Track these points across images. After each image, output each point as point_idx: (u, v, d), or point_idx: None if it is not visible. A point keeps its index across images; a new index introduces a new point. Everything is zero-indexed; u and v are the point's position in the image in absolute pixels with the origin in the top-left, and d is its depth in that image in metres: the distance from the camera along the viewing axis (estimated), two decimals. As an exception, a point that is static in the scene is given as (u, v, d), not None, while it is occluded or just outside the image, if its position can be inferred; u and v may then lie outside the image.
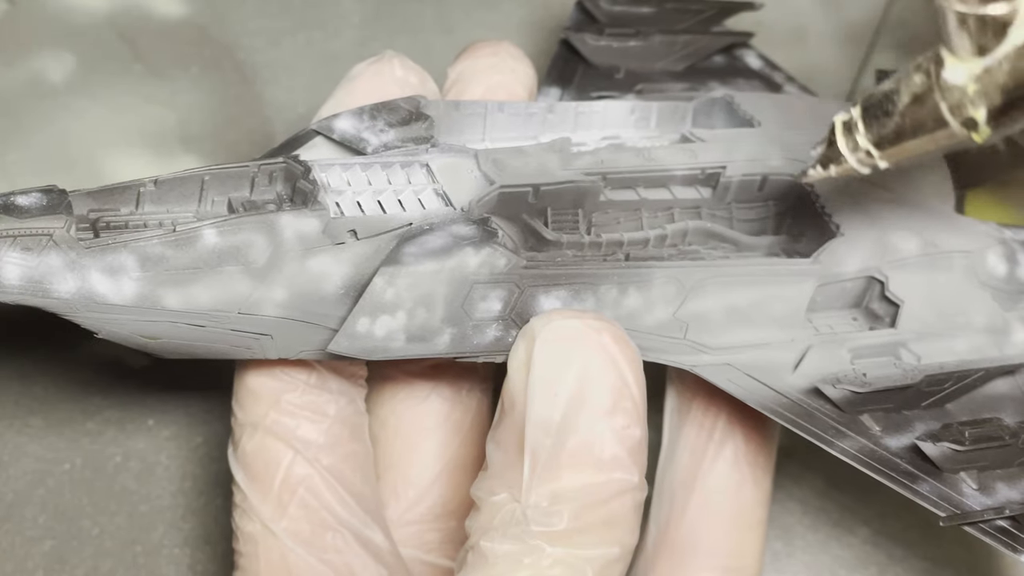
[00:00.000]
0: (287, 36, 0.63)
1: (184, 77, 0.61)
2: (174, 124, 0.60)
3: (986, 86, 0.30)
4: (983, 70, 0.30)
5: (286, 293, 0.37)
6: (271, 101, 0.61)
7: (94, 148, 0.58)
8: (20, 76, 0.60)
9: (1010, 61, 0.29)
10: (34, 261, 0.34)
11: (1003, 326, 0.45)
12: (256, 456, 0.41)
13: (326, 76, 0.47)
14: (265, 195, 0.39)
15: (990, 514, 0.39)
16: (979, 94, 0.30)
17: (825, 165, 0.35)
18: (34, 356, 0.53)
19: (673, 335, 0.41)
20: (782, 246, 0.44)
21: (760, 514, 0.46)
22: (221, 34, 0.62)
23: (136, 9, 0.62)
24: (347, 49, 0.63)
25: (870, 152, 0.33)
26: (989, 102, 0.30)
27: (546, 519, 0.35)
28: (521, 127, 0.44)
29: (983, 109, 0.30)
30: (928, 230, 0.45)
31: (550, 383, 0.36)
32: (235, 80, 0.61)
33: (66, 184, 0.57)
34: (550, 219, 0.41)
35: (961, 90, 0.30)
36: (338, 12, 0.64)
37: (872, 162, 0.34)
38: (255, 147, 0.57)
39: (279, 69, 0.62)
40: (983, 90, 0.30)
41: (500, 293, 0.38)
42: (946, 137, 0.32)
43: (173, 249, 0.36)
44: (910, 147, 0.32)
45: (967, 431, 0.41)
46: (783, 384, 0.42)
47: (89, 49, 0.61)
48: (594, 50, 0.51)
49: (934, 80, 0.31)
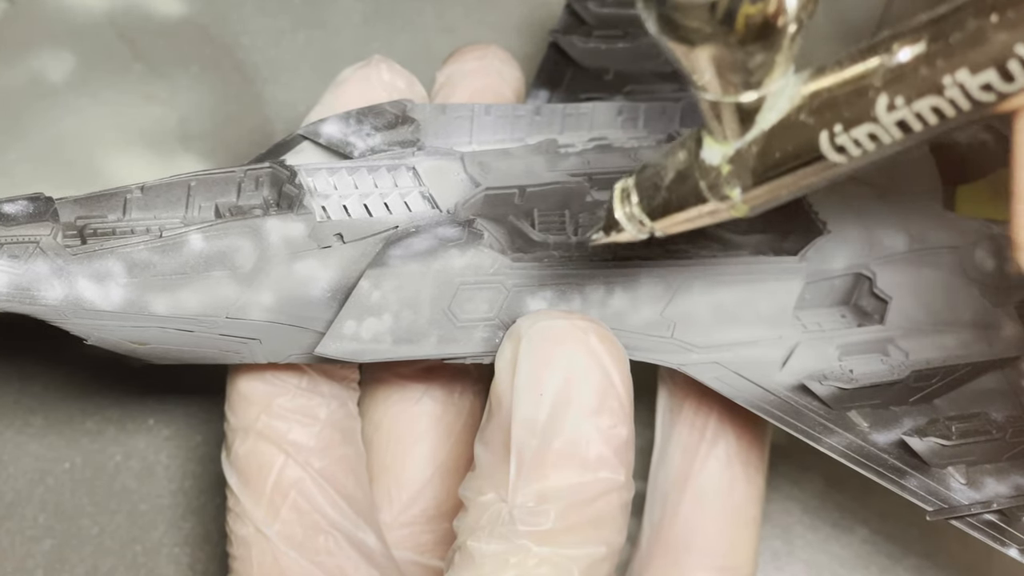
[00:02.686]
0: (287, 35, 0.63)
1: (184, 76, 0.61)
2: (174, 123, 0.60)
3: (738, 168, 0.31)
4: (735, 152, 0.31)
5: (273, 297, 0.37)
6: (271, 100, 0.61)
7: (94, 147, 0.58)
8: (20, 75, 0.60)
9: (758, 145, 0.30)
10: (21, 268, 0.35)
11: (992, 321, 0.45)
12: (248, 460, 0.41)
13: (326, 75, 0.47)
14: (252, 200, 0.40)
15: (977, 508, 0.39)
16: (732, 175, 0.31)
17: (607, 231, 0.36)
18: (34, 355, 0.54)
19: (660, 334, 0.41)
20: (769, 244, 0.44)
21: (753, 512, 0.46)
22: (221, 33, 0.63)
23: (136, 8, 0.62)
24: (347, 48, 0.63)
25: (643, 221, 0.34)
26: (742, 183, 0.31)
27: (532, 519, 0.35)
28: (508, 129, 0.44)
29: (737, 189, 0.31)
30: (916, 226, 0.45)
31: (536, 383, 0.36)
32: (235, 79, 0.62)
33: (66, 183, 0.57)
34: (537, 220, 0.41)
35: (717, 170, 0.31)
36: (338, 11, 0.64)
37: (648, 229, 0.34)
38: (255, 146, 0.57)
39: (279, 68, 0.62)
40: (736, 171, 0.31)
41: (486, 294, 0.39)
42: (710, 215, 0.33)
43: (160, 255, 0.36)
44: (680, 218, 0.33)
45: (954, 426, 0.41)
46: (771, 382, 0.42)
47: (89, 48, 0.61)
48: (583, 52, 0.51)
49: (694, 159, 0.32)
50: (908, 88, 0.27)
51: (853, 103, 0.28)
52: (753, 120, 0.30)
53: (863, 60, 0.28)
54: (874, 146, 0.29)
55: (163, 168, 0.58)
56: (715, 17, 0.27)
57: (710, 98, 0.30)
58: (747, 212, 0.32)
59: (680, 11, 0.27)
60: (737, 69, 0.28)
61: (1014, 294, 0.46)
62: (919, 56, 0.27)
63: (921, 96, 0.27)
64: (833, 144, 0.29)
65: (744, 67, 0.28)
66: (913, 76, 0.27)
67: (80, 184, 0.57)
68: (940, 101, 0.27)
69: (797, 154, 0.30)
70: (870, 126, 0.28)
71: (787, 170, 0.30)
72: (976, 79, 0.26)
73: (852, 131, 0.28)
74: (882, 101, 0.28)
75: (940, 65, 0.27)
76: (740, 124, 0.30)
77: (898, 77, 0.27)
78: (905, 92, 0.27)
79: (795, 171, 0.30)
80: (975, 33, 0.26)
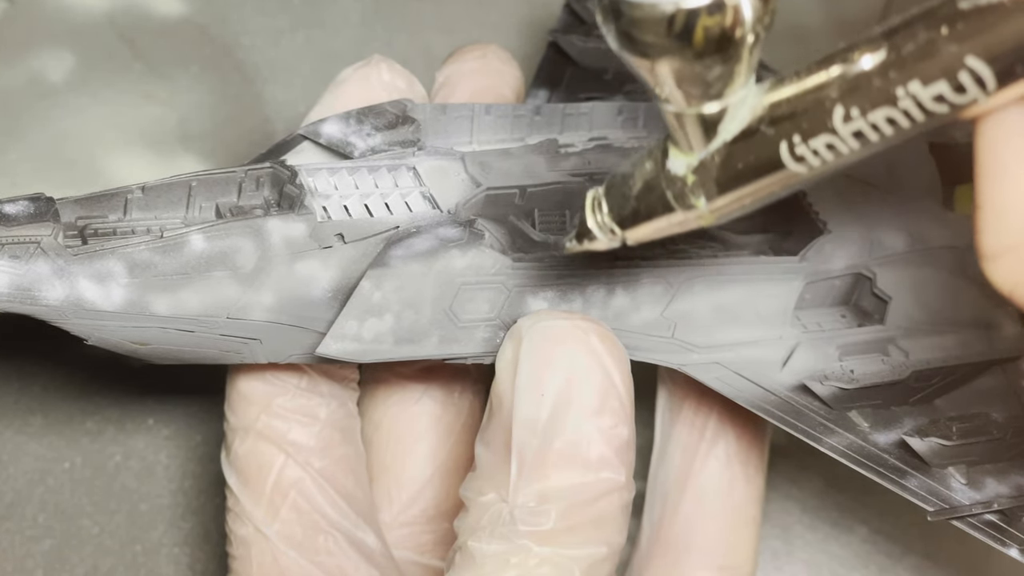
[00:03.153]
0: (287, 35, 0.63)
1: (184, 76, 0.61)
2: (174, 123, 0.60)
3: (702, 178, 0.31)
4: (699, 163, 0.31)
5: (274, 297, 0.37)
6: (271, 100, 0.61)
7: (94, 147, 0.58)
8: (19, 75, 0.60)
9: (721, 155, 0.31)
10: (22, 269, 0.35)
11: (992, 321, 0.45)
12: (248, 460, 0.41)
13: (326, 75, 0.47)
14: (252, 200, 0.39)
15: (978, 508, 0.39)
16: (697, 185, 0.31)
17: (580, 239, 0.36)
18: (33, 355, 0.54)
19: (661, 334, 0.41)
20: (769, 243, 0.44)
21: (753, 511, 0.46)
22: (221, 33, 0.63)
23: (135, 8, 0.62)
24: (347, 48, 0.63)
25: (614, 230, 0.34)
26: (706, 192, 0.31)
27: (533, 519, 0.35)
28: (508, 129, 0.44)
29: (703, 198, 0.31)
30: (915, 225, 0.45)
31: (537, 383, 0.36)
32: (235, 79, 0.62)
33: (65, 183, 0.57)
34: (537, 220, 0.41)
35: (682, 180, 0.32)
36: (338, 11, 0.64)
37: (619, 238, 0.35)
38: (255, 146, 0.57)
39: (279, 68, 0.62)
40: (700, 181, 0.31)
41: (488, 295, 0.39)
42: (679, 220, 0.33)
43: (161, 255, 0.36)
44: (649, 228, 0.34)
45: (955, 426, 0.41)
46: (771, 382, 0.42)
47: (88, 48, 0.61)
48: (582, 52, 0.51)
49: (660, 169, 0.32)
50: (863, 99, 0.27)
51: (811, 114, 0.28)
52: (716, 130, 0.30)
53: (821, 71, 0.28)
54: (832, 156, 0.29)
55: (163, 168, 0.58)
56: (672, 31, 0.27)
57: (672, 110, 0.30)
58: (713, 221, 0.32)
59: (637, 26, 0.27)
60: (697, 81, 0.29)
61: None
62: (874, 67, 0.27)
63: (876, 107, 0.27)
64: (793, 154, 0.29)
65: (703, 79, 0.29)
66: (868, 87, 0.27)
67: (80, 184, 0.57)
68: (894, 112, 0.27)
69: (759, 164, 0.30)
70: (828, 137, 0.28)
71: (749, 179, 0.31)
72: (928, 90, 0.26)
73: (811, 141, 0.29)
74: (838, 112, 0.28)
75: (893, 76, 0.27)
76: (703, 135, 0.30)
77: (854, 88, 0.27)
78: (860, 103, 0.27)
79: (757, 180, 0.30)
80: (926, 45, 0.26)
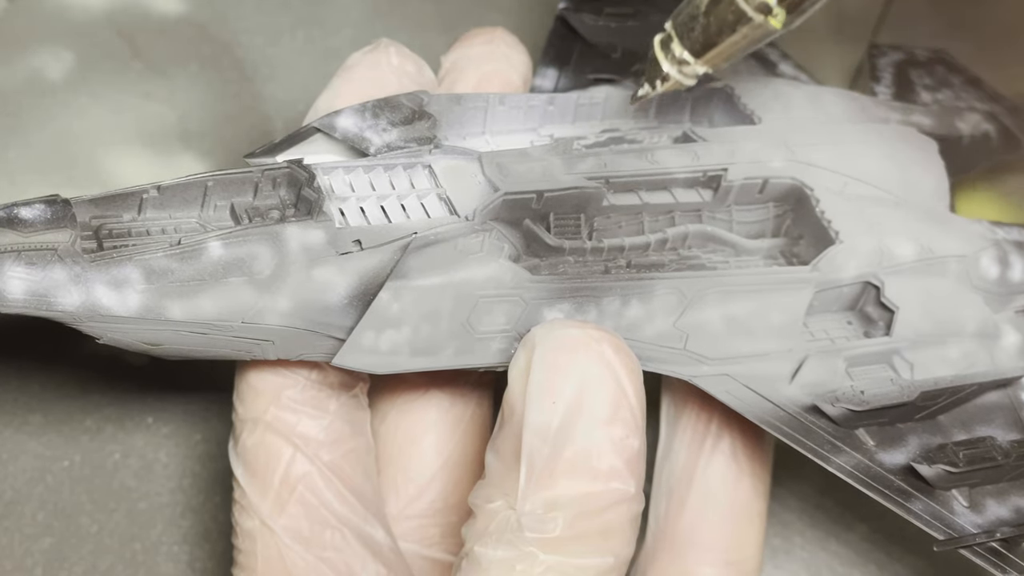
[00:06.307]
0: (286, 33, 0.63)
1: (183, 74, 0.61)
2: (173, 121, 0.60)
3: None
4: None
5: (290, 303, 0.37)
6: (270, 98, 0.61)
7: (93, 145, 0.58)
8: (19, 74, 0.59)
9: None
10: (38, 275, 0.34)
11: (993, 330, 0.45)
12: (256, 452, 0.41)
13: (325, 73, 0.47)
14: (268, 200, 0.39)
15: (983, 537, 0.39)
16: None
17: (652, 83, 0.37)
18: (33, 354, 0.53)
19: (673, 345, 0.41)
20: (780, 249, 0.45)
21: (759, 506, 0.46)
22: (220, 31, 0.62)
23: (135, 7, 0.62)
24: (346, 46, 0.63)
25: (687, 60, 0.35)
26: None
27: (540, 526, 0.35)
28: (522, 120, 0.44)
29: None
30: (925, 235, 0.45)
31: (549, 391, 0.36)
32: (234, 77, 0.61)
33: (65, 181, 0.57)
34: (552, 224, 0.41)
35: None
36: (337, 9, 0.64)
37: (692, 70, 0.36)
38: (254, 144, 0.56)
39: (278, 66, 0.62)
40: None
41: (505, 307, 0.38)
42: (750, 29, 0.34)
43: (178, 262, 0.36)
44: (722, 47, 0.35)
45: (961, 452, 0.41)
46: (780, 396, 0.42)
47: (88, 47, 0.61)
48: (592, 29, 0.50)
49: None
50: None
51: None
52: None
53: None
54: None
55: (163, 166, 0.58)
56: None
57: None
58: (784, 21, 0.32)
59: None
60: None
61: (1014, 300, 0.47)
62: None
63: None
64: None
65: None
66: None
67: (80, 181, 0.56)
68: None
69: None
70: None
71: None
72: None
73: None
74: None
75: None
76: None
77: None
78: None
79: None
80: None
